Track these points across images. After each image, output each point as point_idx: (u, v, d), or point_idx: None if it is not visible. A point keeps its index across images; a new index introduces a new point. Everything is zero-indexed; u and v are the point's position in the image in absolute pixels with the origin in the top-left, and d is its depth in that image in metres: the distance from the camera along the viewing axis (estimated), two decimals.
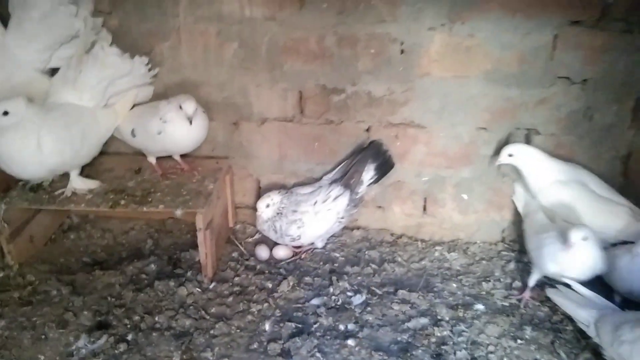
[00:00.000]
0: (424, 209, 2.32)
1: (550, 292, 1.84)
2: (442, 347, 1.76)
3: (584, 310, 1.68)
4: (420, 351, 1.74)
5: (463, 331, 1.82)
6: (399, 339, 1.80)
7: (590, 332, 1.65)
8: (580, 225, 1.79)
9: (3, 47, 1.98)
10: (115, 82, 2.05)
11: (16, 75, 2.02)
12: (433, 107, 2.13)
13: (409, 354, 1.73)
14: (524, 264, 2.13)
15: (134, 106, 2.19)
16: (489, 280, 2.07)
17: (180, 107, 1.98)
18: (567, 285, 1.79)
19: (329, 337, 1.80)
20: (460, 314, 1.90)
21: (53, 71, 2.11)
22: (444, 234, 2.34)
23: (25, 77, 2.04)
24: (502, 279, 2.08)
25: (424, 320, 1.87)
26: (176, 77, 2.22)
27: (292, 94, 2.20)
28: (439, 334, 1.81)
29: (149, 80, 2.17)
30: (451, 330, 1.83)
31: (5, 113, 1.80)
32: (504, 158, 2.03)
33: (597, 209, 1.94)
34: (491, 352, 1.74)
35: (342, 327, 1.85)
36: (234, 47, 2.14)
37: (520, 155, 2.02)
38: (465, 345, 1.76)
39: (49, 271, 2.12)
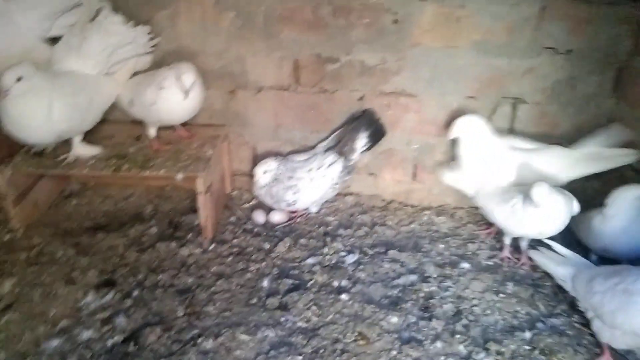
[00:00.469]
0: (414, 175, 2.41)
1: (531, 253, 1.93)
2: (430, 300, 1.86)
3: (562, 267, 1.79)
4: (409, 304, 1.84)
5: (449, 287, 1.93)
6: (389, 293, 1.90)
7: (567, 286, 1.77)
8: (538, 183, 1.79)
9: (5, 14, 2.00)
10: (117, 50, 2.08)
11: (17, 43, 2.04)
12: (424, 77, 2.19)
13: (398, 307, 1.83)
14: None
15: (133, 75, 2.23)
16: (475, 242, 2.18)
17: (179, 78, 2.00)
18: (548, 246, 1.88)
19: (324, 292, 1.90)
20: (447, 272, 2.00)
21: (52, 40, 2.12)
22: (433, 200, 2.43)
23: (26, 45, 2.06)
24: (487, 241, 2.18)
25: (412, 277, 1.97)
26: (174, 46, 2.26)
27: (287, 62, 2.25)
28: (426, 290, 1.91)
29: (149, 49, 2.21)
30: (438, 286, 1.93)
31: (19, 79, 1.82)
32: (455, 132, 2.04)
33: (546, 157, 2.01)
34: (475, 305, 1.85)
35: (336, 283, 1.95)
36: (231, 16, 2.18)
37: (470, 127, 2.02)
38: (451, 299, 1.87)
39: (53, 234, 2.19)
